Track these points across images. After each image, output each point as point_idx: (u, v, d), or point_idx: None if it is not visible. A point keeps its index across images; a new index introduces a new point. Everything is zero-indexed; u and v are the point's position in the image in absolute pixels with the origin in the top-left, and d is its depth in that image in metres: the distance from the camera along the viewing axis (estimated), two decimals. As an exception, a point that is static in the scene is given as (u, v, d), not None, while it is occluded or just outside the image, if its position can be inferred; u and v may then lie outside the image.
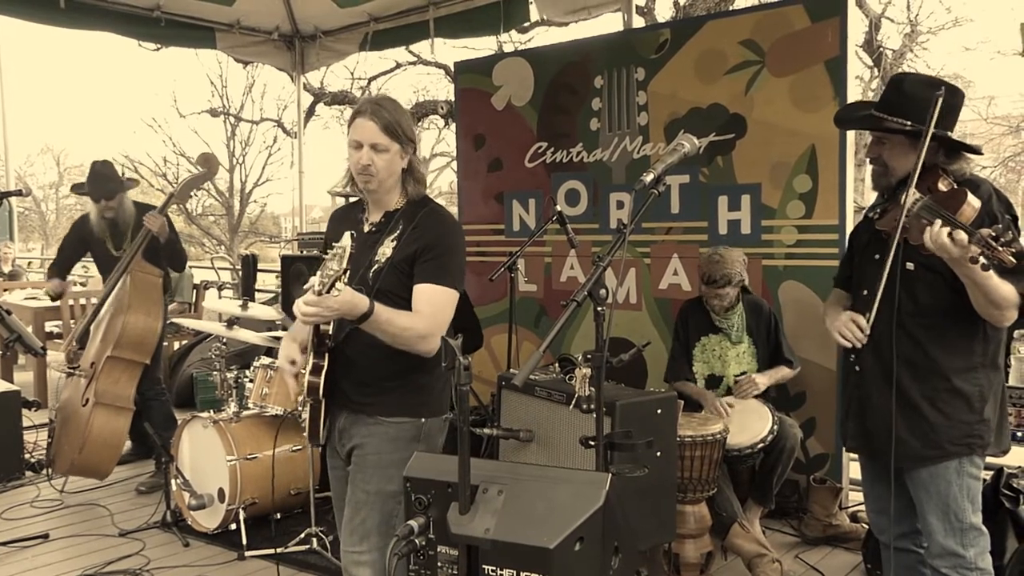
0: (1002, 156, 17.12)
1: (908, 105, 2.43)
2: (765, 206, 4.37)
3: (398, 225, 2.48)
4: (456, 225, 2.57)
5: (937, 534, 2.48)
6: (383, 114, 2.41)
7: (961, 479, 2.47)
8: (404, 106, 2.55)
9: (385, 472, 2.44)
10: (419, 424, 2.46)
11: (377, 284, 2.42)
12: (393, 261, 2.43)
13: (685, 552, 3.48)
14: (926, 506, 2.50)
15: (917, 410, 2.45)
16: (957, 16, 18.12)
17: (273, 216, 31.60)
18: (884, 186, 2.54)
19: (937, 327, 2.43)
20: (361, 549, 2.46)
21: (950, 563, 2.47)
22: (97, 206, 4.84)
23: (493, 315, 5.38)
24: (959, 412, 2.44)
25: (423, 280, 2.40)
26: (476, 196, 5.58)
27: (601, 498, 1.64)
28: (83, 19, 5.76)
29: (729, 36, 4.42)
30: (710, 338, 4.04)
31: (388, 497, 2.45)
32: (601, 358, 2.08)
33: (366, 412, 2.47)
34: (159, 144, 32.83)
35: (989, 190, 2.40)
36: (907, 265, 2.40)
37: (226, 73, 23.30)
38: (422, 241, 2.42)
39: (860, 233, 2.72)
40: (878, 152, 2.52)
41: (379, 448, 2.45)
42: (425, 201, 2.53)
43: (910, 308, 2.43)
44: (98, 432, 4.46)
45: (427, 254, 2.41)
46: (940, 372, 2.44)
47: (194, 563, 3.90)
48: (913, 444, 2.47)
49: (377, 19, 6.29)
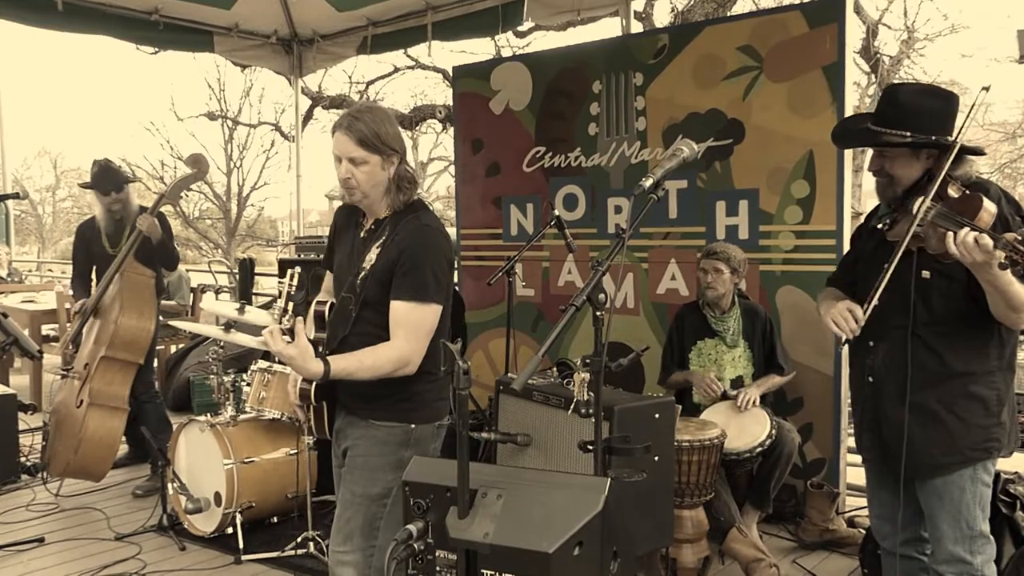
0: (998, 163, 17.16)
1: (906, 116, 2.43)
2: (763, 211, 4.37)
3: (384, 233, 2.47)
4: (437, 233, 2.47)
5: (947, 540, 2.47)
6: (358, 127, 2.39)
7: (975, 486, 2.48)
8: (389, 112, 2.53)
9: (371, 475, 2.46)
10: (409, 430, 2.47)
11: (363, 294, 2.44)
12: (374, 270, 2.43)
13: (683, 557, 3.47)
14: (937, 513, 2.49)
15: (936, 417, 2.44)
16: (954, 23, 18.16)
17: (270, 220, 31.56)
18: (891, 197, 2.51)
19: (953, 334, 2.43)
20: (345, 549, 2.48)
21: (957, 570, 2.47)
22: (106, 199, 4.85)
23: (491, 319, 5.38)
24: (976, 416, 2.45)
25: (398, 297, 2.39)
26: (474, 200, 5.59)
27: (600, 503, 1.64)
28: (81, 22, 5.76)
29: (727, 42, 4.43)
30: (706, 342, 4.05)
31: (372, 500, 2.46)
32: (600, 362, 2.08)
33: (359, 415, 2.50)
34: (156, 148, 32.86)
35: (998, 192, 2.40)
36: (923, 273, 2.40)
37: (224, 77, 23.37)
38: (399, 252, 2.40)
39: (864, 239, 2.69)
40: (880, 165, 2.50)
41: (368, 451, 2.47)
42: (413, 208, 2.50)
43: (925, 317, 2.43)
44: (93, 433, 4.45)
45: (403, 266, 2.38)
46: (957, 378, 2.44)
47: (190, 567, 3.89)
48: (932, 453, 2.46)
49: (375, 23, 6.31)
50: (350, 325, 2.48)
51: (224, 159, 23.67)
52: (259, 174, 24.29)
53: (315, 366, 2.28)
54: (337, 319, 2.54)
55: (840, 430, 4.17)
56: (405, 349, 2.36)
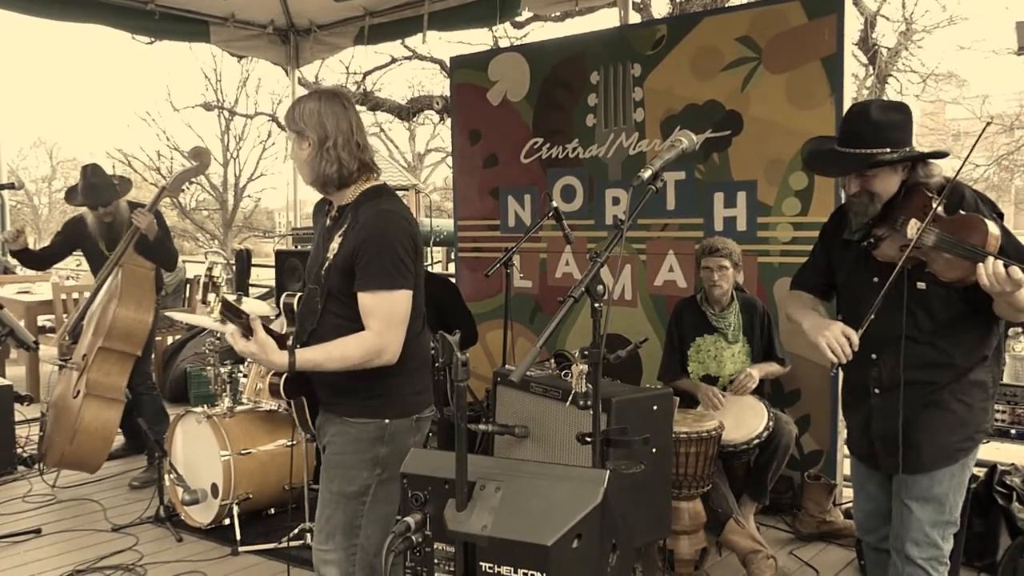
0: (996, 155, 17.17)
1: (881, 133, 2.43)
2: (761, 203, 4.37)
3: (345, 221, 2.40)
4: (396, 216, 2.37)
5: (926, 524, 2.50)
6: (288, 111, 2.39)
7: (963, 473, 2.54)
8: (332, 92, 2.43)
9: (347, 473, 2.41)
10: (383, 425, 2.40)
11: (327, 285, 2.39)
12: (336, 261, 2.37)
13: (680, 548, 3.48)
14: (926, 499, 2.51)
15: (947, 408, 2.48)
16: (952, 15, 18.16)
17: (267, 211, 31.55)
18: (872, 215, 2.50)
19: (957, 333, 2.46)
20: (327, 548, 2.45)
21: (929, 554, 2.50)
22: (95, 213, 4.82)
23: (488, 311, 5.38)
24: (979, 400, 2.50)
25: (363, 289, 2.32)
26: (472, 192, 5.57)
27: (599, 495, 1.63)
28: (76, 11, 5.72)
29: (725, 32, 4.42)
30: (705, 338, 4.03)
31: (350, 499, 2.41)
32: (598, 354, 2.08)
33: (334, 411, 2.45)
34: (152, 138, 32.79)
35: (973, 196, 2.44)
36: (918, 285, 2.42)
37: (220, 67, 23.32)
38: (357, 240, 2.32)
39: (839, 248, 2.67)
40: (861, 186, 2.48)
41: (342, 448, 2.42)
42: (376, 193, 2.42)
43: (929, 325, 2.45)
44: (89, 423, 4.45)
45: (364, 256, 2.31)
46: (961, 368, 2.48)
47: (187, 558, 3.89)
48: (945, 443, 2.48)
49: (372, 13, 6.27)
50: (318, 317, 2.42)
51: (220, 150, 23.64)
52: (256, 165, 24.29)
53: (278, 358, 2.24)
54: (305, 311, 2.48)
55: (837, 422, 4.17)
56: (375, 339, 2.29)
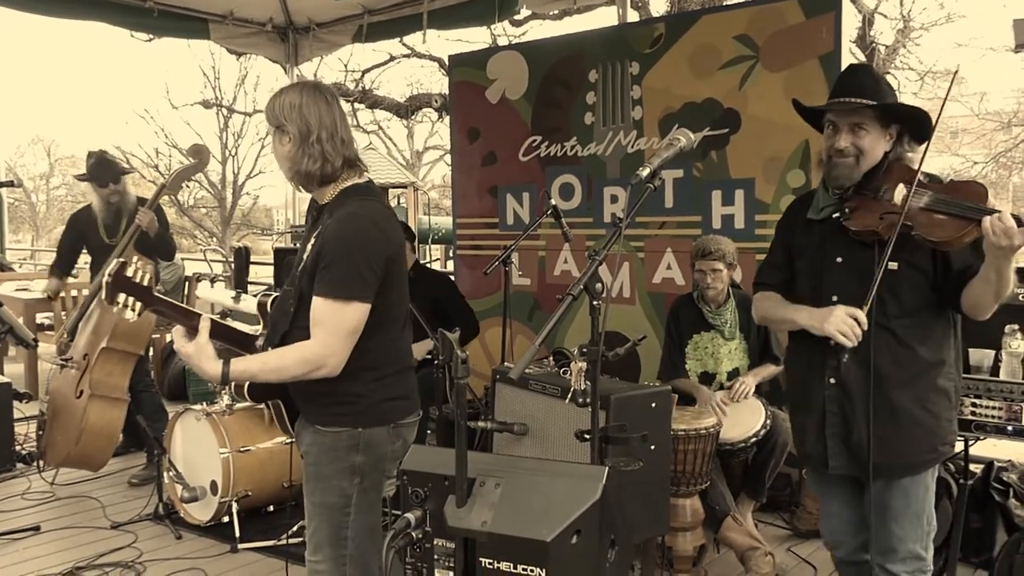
0: (993, 152, 17.19)
1: (885, 89, 2.35)
2: (759, 201, 4.38)
3: (322, 221, 2.30)
4: (365, 221, 2.23)
5: (908, 540, 2.40)
6: (268, 105, 2.33)
7: (933, 482, 2.43)
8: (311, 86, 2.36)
9: (326, 484, 2.32)
10: (356, 434, 2.29)
11: (299, 287, 2.29)
12: (307, 264, 2.28)
13: (678, 545, 3.49)
14: (902, 513, 2.41)
15: (911, 417, 2.35)
16: (950, 12, 18.14)
17: (266, 208, 31.50)
18: (855, 179, 2.36)
19: (922, 325, 2.35)
20: (317, 559, 2.38)
21: (913, 567, 2.41)
22: (104, 191, 4.83)
23: (487, 309, 5.38)
24: (944, 410, 2.38)
25: (317, 292, 2.20)
26: (470, 190, 5.58)
27: (598, 492, 1.64)
28: (75, 9, 5.73)
29: (723, 31, 4.43)
30: (702, 336, 4.03)
31: (333, 510, 2.33)
32: (597, 352, 2.08)
33: (308, 418, 2.36)
34: (151, 136, 32.74)
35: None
36: (890, 265, 2.26)
37: (219, 65, 23.28)
38: (322, 243, 2.22)
39: (801, 234, 2.54)
40: (852, 142, 2.33)
41: (318, 459, 2.33)
42: (355, 192, 2.31)
43: (895, 310, 2.32)
44: (94, 423, 4.47)
45: (324, 259, 2.19)
46: (926, 371, 2.35)
47: (187, 555, 3.89)
48: (911, 453, 2.37)
49: (371, 11, 6.27)
50: (290, 320, 2.31)
51: (219, 147, 23.63)
52: (254, 162, 24.26)
53: (211, 367, 2.19)
54: (277, 314, 2.39)
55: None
56: (316, 350, 2.16)
